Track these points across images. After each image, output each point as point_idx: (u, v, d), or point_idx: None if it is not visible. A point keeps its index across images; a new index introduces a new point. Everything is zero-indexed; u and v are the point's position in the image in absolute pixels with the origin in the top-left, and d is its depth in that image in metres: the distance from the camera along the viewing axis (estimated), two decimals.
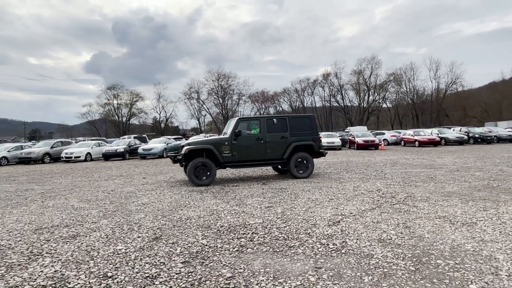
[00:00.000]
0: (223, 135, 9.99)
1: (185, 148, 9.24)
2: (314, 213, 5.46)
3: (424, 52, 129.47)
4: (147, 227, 4.94)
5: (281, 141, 9.64)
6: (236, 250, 3.83)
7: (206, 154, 9.30)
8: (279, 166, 10.94)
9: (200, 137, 26.94)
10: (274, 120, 9.74)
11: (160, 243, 4.17)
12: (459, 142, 26.29)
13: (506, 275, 2.95)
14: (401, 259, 3.41)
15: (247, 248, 3.88)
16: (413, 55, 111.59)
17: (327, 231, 4.44)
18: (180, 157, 9.44)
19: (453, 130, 30.41)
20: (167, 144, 24.29)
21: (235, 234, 4.45)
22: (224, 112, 70.87)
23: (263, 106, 74.74)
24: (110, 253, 3.86)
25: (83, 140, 32.58)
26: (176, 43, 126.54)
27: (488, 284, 2.81)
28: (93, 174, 13.43)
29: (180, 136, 35.12)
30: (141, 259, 3.64)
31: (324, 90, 70.46)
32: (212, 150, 9.19)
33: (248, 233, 4.47)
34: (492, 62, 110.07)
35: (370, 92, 65.75)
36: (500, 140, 27.56)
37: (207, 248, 3.92)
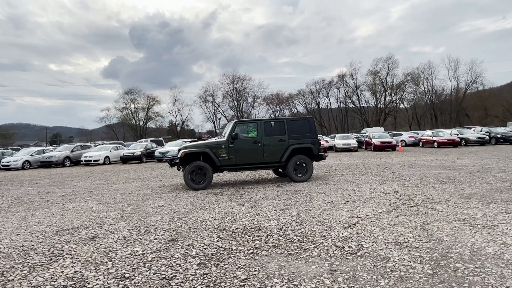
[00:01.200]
0: (222, 138, 9.99)
1: (181, 151, 9.23)
2: (329, 215, 5.42)
3: (442, 51, 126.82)
4: (164, 229, 5.01)
5: (279, 144, 9.55)
6: (251, 253, 3.84)
7: (203, 157, 9.30)
8: (280, 170, 10.93)
9: (216, 139, 27.14)
10: (272, 123, 9.67)
11: (176, 245, 4.23)
12: (480, 142, 25.55)
13: None
14: (419, 262, 3.35)
15: (261, 251, 3.89)
16: (431, 54, 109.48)
17: (342, 233, 4.41)
18: (177, 161, 9.39)
19: (474, 130, 29.57)
20: None
21: (250, 236, 4.47)
22: (239, 114, 71.14)
23: (278, 108, 74.66)
24: (128, 254, 3.94)
25: (102, 144, 33.33)
26: (192, 47, 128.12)
27: None
28: (111, 177, 13.72)
29: (195, 139, 35.45)
30: (157, 260, 3.70)
31: (339, 91, 69.77)
32: (208, 153, 9.18)
33: (263, 235, 4.48)
34: None
35: (386, 92, 64.69)
36: None
37: (222, 250, 3.94)
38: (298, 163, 9.65)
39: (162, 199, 7.75)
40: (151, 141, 30.54)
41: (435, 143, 25.17)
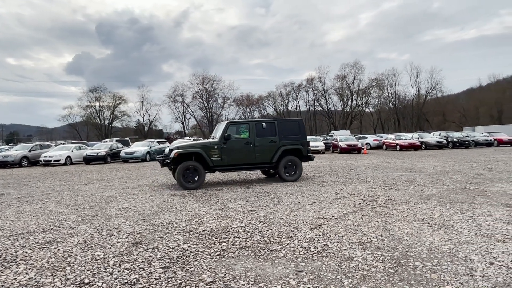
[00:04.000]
0: (212, 139, 9.97)
1: (174, 151, 9.17)
2: (296, 216, 5.49)
3: (406, 58, 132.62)
4: (127, 232, 4.85)
5: (270, 145, 9.73)
6: (218, 255, 3.80)
7: (195, 157, 9.28)
8: (270, 170, 11.11)
9: (184, 141, 26.71)
10: (263, 124, 9.83)
11: (140, 248, 4.10)
12: (439, 146, 26.97)
13: (480, 276, 3.03)
14: (381, 261, 3.46)
15: (228, 253, 3.86)
16: (395, 61, 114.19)
17: (309, 234, 4.47)
18: (168, 161, 9.34)
19: (433, 134, 31.17)
20: (150, 147, 24.00)
21: (217, 238, 4.42)
22: (208, 115, 70.61)
23: (248, 110, 74.82)
24: (88, 259, 3.77)
25: (63, 144, 31.77)
26: (162, 46, 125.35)
27: (463, 285, 2.88)
28: (72, 178, 13.11)
29: (164, 140, 34.72)
30: (120, 264, 3.56)
31: (308, 95, 71.14)
32: (201, 153, 9.20)
33: (230, 237, 4.45)
34: (470, 69, 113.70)
35: (353, 96, 66.80)
36: (477, 144, 28.42)
37: (188, 253, 3.87)
38: (288, 163, 9.89)
39: (127, 201, 7.50)
40: (117, 141, 29.55)
41: (398, 146, 26.25)
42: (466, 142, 27.80)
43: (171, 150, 9.55)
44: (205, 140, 9.92)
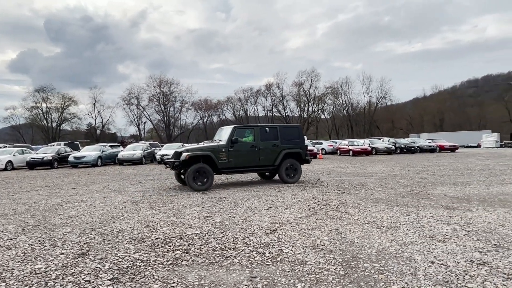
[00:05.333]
0: (217, 142, 10.22)
1: (184, 154, 9.40)
2: (252, 221, 5.49)
3: (360, 68, 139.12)
4: (73, 242, 4.55)
5: (272, 149, 10.26)
6: (170, 263, 3.68)
7: (203, 160, 9.52)
8: (266, 173, 11.70)
9: (139, 145, 25.78)
10: (267, 129, 10.41)
11: (87, 259, 3.86)
12: (388, 151, 28.55)
13: (423, 275, 3.22)
14: (332, 264, 3.56)
15: (182, 261, 3.75)
16: (350, 69, 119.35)
17: (264, 239, 4.48)
18: (177, 163, 9.53)
19: (383, 140, 32.96)
20: (102, 152, 22.90)
21: (170, 246, 4.29)
22: (165, 119, 68.88)
23: (206, 114, 74.12)
24: (27, 273, 3.47)
25: (4, 147, 29.28)
26: (118, 46, 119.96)
27: (408, 284, 3.04)
28: (13, 185, 12.10)
29: (117, 144, 33.24)
30: (63, 278, 3.33)
31: (266, 100, 72.01)
32: (211, 156, 9.53)
33: (184, 244, 4.34)
34: (416, 80, 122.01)
35: (309, 103, 68.74)
36: (422, 150, 30.46)
37: (139, 263, 3.71)
38: (289, 166, 10.42)
39: (74, 208, 7.06)
40: (65, 144, 27.80)
41: (351, 152, 27.40)
42: (412, 148, 29.72)
43: (179, 153, 9.80)
44: (213, 144, 10.26)
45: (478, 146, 44.84)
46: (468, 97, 77.18)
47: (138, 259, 3.82)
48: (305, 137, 45.78)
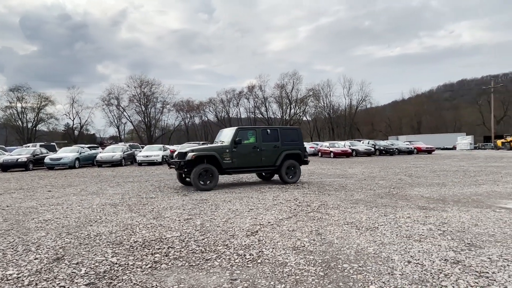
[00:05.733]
0: (220, 143, 10.47)
1: (190, 154, 9.56)
2: (233, 224, 5.47)
3: (341, 71, 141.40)
4: (48, 246, 4.41)
5: (274, 150, 10.58)
6: (149, 267, 3.62)
7: (207, 160, 9.71)
8: (263, 173, 12.01)
9: (119, 146, 25.27)
10: (268, 130, 10.77)
11: (62, 264, 3.75)
12: (367, 153, 29.08)
13: (399, 274, 3.29)
14: (312, 265, 3.59)
15: (161, 264, 3.70)
16: (331, 72, 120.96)
17: (245, 241, 4.48)
18: (183, 164, 9.66)
19: (363, 142, 33.55)
20: (80, 153, 22.30)
21: (149, 249, 4.22)
22: (146, 120, 67.82)
23: (188, 115, 73.49)
24: None
25: None
26: (97, 45, 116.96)
27: (385, 283, 3.10)
28: None
29: (96, 145, 32.46)
30: (36, 284, 3.22)
31: (249, 102, 72.10)
32: (215, 156, 9.75)
33: (164, 247, 4.28)
34: (395, 83, 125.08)
35: (291, 105, 69.31)
36: (400, 152, 31.19)
37: (117, 267, 3.63)
38: (289, 167, 10.72)
39: (50, 212, 6.85)
40: (41, 145, 26.94)
41: (332, 154, 27.74)
42: (391, 150, 30.41)
43: (184, 153, 9.92)
44: (217, 144, 10.56)
45: (454, 148, 46.33)
46: (444, 101, 79.75)
47: (116, 263, 3.74)
48: None
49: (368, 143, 32.68)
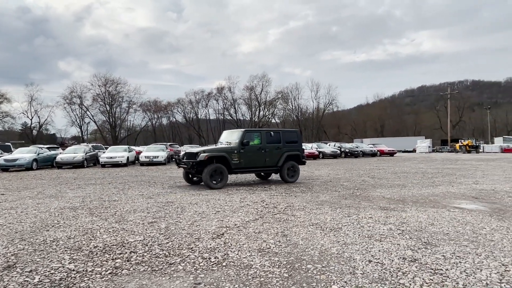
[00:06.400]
0: (226, 144, 11.03)
1: (203, 155, 9.99)
2: (199, 226, 5.40)
3: (309, 74, 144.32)
4: None
5: (276, 151, 11.20)
6: (110, 273, 3.49)
7: (216, 160, 10.17)
8: (262, 173, 12.60)
9: (81, 147, 24.17)
10: (271, 133, 11.46)
11: (14, 272, 3.52)
12: (334, 155, 29.85)
13: (361, 273, 3.39)
14: (277, 266, 3.61)
15: (122, 270, 3.57)
16: (300, 76, 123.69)
17: (210, 244, 4.43)
18: (194, 164, 10.07)
19: (329, 145, 34.41)
20: (38, 154, 21.13)
21: (110, 254, 4.06)
22: (111, 120, 65.56)
23: (155, 116, 71.87)
24: None
25: None
26: (59, 41, 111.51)
27: (347, 283, 3.18)
28: None
29: (56, 146, 30.87)
30: None
31: (218, 103, 71.78)
32: (225, 157, 10.25)
33: (126, 252, 4.14)
34: (360, 88, 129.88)
35: (260, 107, 69.80)
36: (364, 154, 32.27)
37: (74, 273, 3.47)
38: (290, 167, 11.41)
39: (1, 217, 6.41)
40: None
41: None
42: (356, 152, 31.39)
43: (193, 154, 10.42)
44: (225, 146, 10.94)
45: (414, 151, 48.66)
46: (406, 106, 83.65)
47: (74, 270, 3.56)
48: None
49: (335, 146, 33.55)
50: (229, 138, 11.40)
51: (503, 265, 3.57)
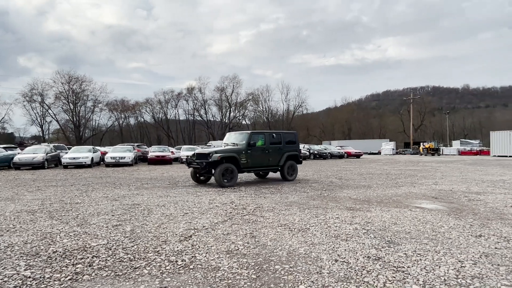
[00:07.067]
0: (232, 145, 11.62)
1: (216, 155, 10.51)
2: (166, 229, 5.28)
3: (280, 77, 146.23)
4: None
5: (278, 152, 12.00)
6: (69, 279, 3.32)
7: (226, 160, 10.68)
8: (260, 172, 13.24)
9: (41, 147, 22.93)
10: (274, 134, 12.25)
11: None
12: (303, 157, 30.29)
13: (327, 273, 3.45)
14: (245, 268, 3.60)
15: (83, 275, 3.41)
16: (271, 78, 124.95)
17: (177, 247, 4.34)
18: (205, 164, 10.57)
19: None
20: None
21: (70, 260, 3.87)
22: (75, 119, 62.75)
23: (122, 115, 69.69)
24: None
25: None
26: (19, 35, 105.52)
27: (314, 282, 3.22)
28: None
29: (14, 146, 29.11)
30: None
31: (188, 104, 70.73)
32: (235, 157, 10.85)
33: (88, 257, 3.96)
34: (329, 91, 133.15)
35: (231, 108, 69.59)
36: (332, 156, 33.05)
37: (30, 281, 3.27)
38: (289, 166, 12.33)
39: None
40: None
41: None
42: (324, 154, 32.07)
43: (203, 154, 11.08)
44: (233, 147, 11.54)
45: (379, 153, 50.48)
46: (372, 109, 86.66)
47: (30, 277, 3.36)
48: None
49: (304, 148, 34.06)
50: (235, 139, 12.00)
51: (459, 261, 3.77)
